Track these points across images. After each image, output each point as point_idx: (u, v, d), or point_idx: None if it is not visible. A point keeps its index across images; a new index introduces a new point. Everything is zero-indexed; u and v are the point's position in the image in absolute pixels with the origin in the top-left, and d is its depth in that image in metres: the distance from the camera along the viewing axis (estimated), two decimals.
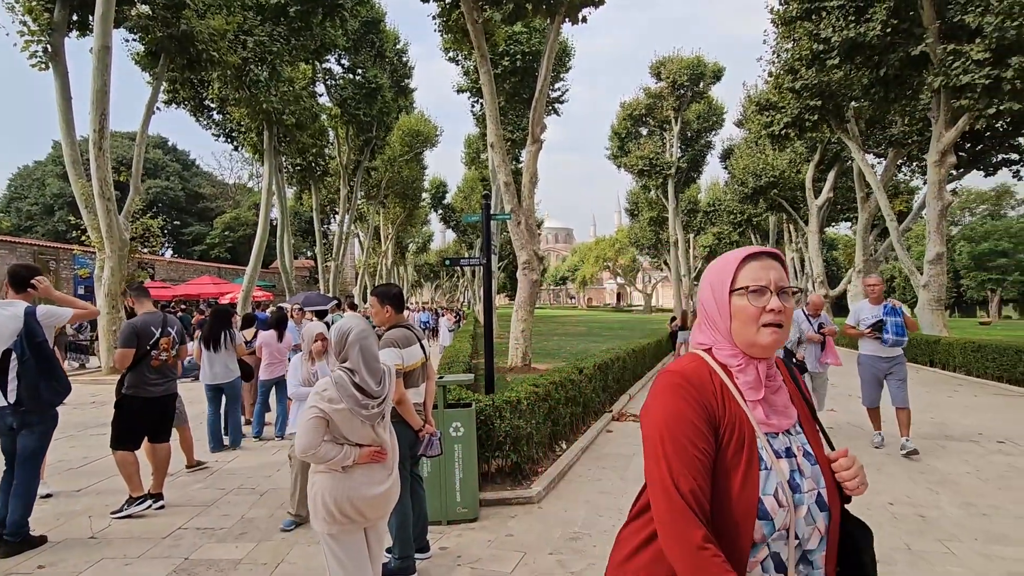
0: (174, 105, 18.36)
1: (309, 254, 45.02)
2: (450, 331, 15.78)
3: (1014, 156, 16.90)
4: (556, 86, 24.49)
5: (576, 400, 6.62)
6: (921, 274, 15.19)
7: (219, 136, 20.97)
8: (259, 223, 18.37)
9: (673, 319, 16.67)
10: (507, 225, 12.38)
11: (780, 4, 16.28)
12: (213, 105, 19.44)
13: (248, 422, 7.25)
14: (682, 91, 35.12)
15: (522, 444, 4.81)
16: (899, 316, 5.73)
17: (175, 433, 5.63)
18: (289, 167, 24.57)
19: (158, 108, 15.19)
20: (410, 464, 3.37)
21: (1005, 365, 10.79)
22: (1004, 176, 52.71)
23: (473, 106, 25.55)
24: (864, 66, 15.17)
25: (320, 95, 24.00)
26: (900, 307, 5.81)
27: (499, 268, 36.74)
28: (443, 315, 20.49)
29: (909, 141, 18.23)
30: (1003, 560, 3.45)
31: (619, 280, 78.12)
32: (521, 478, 4.89)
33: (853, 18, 14.41)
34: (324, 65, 23.49)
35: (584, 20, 12.32)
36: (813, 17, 15.19)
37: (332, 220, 35.85)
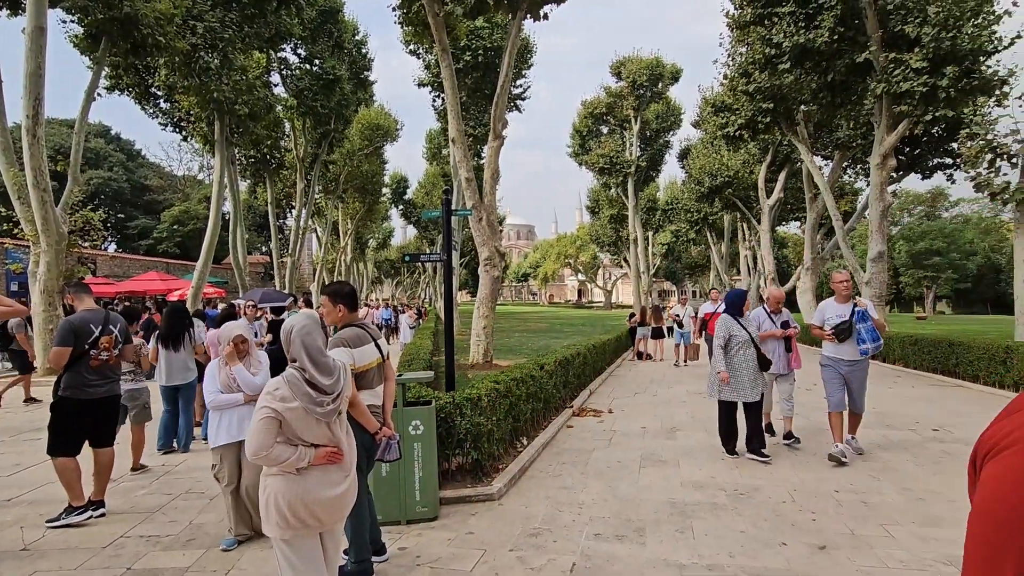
0: (117, 92, 17.42)
1: (264, 249, 43.64)
2: (411, 328, 15.59)
3: (948, 160, 17.90)
4: (518, 83, 24.47)
5: (537, 396, 6.64)
6: (864, 271, 15.94)
7: (166, 125, 20.01)
8: (210, 217, 17.66)
9: (632, 315, 16.95)
10: (469, 221, 12.30)
11: (735, 8, 16.70)
12: (160, 93, 18.52)
13: (199, 423, 6.97)
14: (641, 91, 35.69)
15: (483, 441, 4.79)
16: (869, 320, 5.38)
17: (128, 433, 5.37)
18: (242, 159, 23.70)
19: (99, 94, 14.39)
20: (366, 469, 3.28)
21: (939, 357, 11.45)
22: (939, 179, 55.93)
23: (434, 101, 25.25)
24: (813, 71, 15.76)
25: (275, 85, 23.23)
26: (868, 308, 5.44)
27: (461, 264, 36.57)
28: (404, 312, 20.22)
29: (854, 144, 19.07)
30: (937, 542, 3.65)
31: (580, 277, 79.01)
32: (482, 475, 4.87)
33: (803, 25, 14.94)
34: (279, 54, 22.73)
35: (546, 17, 12.34)
36: (766, 22, 15.66)
37: (288, 215, 34.84)
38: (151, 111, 19.34)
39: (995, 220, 56.16)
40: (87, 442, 4.32)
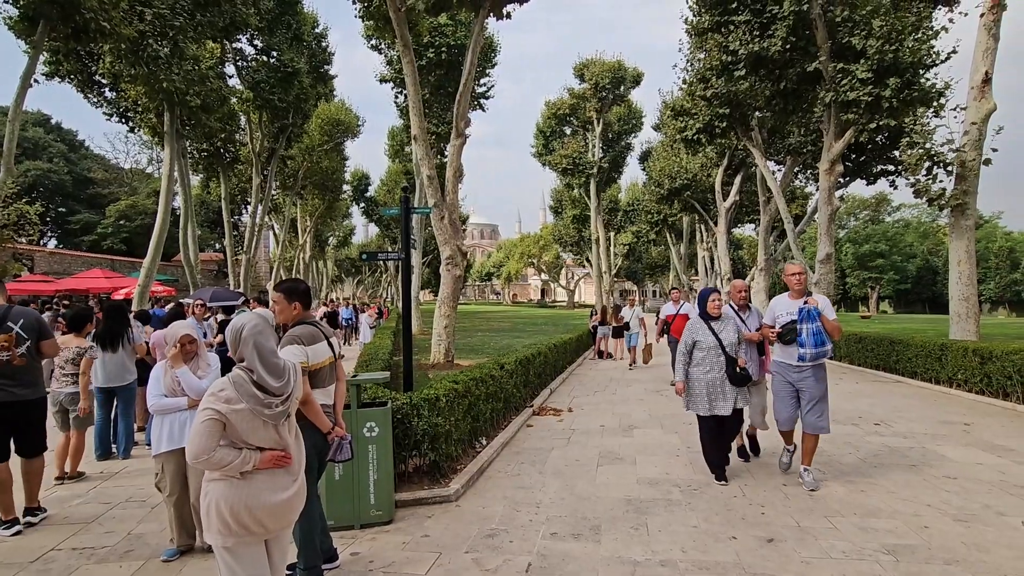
0: (57, 79, 16.49)
1: (218, 247, 42.13)
2: (371, 328, 15.32)
3: (891, 168, 18.81)
4: (482, 81, 24.44)
5: (497, 396, 6.63)
6: (813, 272, 16.59)
7: (112, 116, 19.05)
8: (159, 212, 16.91)
9: (593, 314, 17.14)
10: (431, 220, 12.18)
11: (694, 16, 17.11)
12: (105, 81, 17.63)
13: (141, 428, 6.66)
14: (604, 93, 36.20)
15: (441, 442, 4.74)
16: (816, 321, 4.52)
17: (69, 437, 5.10)
18: (194, 152, 22.80)
19: (36, 81, 13.55)
20: (318, 470, 3.20)
21: (881, 355, 12.02)
22: (883, 185, 58.70)
23: (397, 97, 24.95)
24: (767, 79, 16.29)
25: (230, 77, 22.44)
26: (817, 308, 4.59)
27: (424, 263, 36.21)
28: (364, 311, 19.86)
29: (804, 150, 19.82)
30: (876, 532, 3.81)
31: (543, 276, 79.45)
32: (439, 476, 4.82)
33: (757, 34, 15.43)
34: (235, 45, 21.98)
35: (508, 16, 12.34)
36: (723, 30, 16.09)
37: (244, 211, 33.74)
38: (95, 100, 18.38)
39: (933, 224, 59.49)
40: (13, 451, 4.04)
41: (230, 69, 22.38)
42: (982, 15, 12.33)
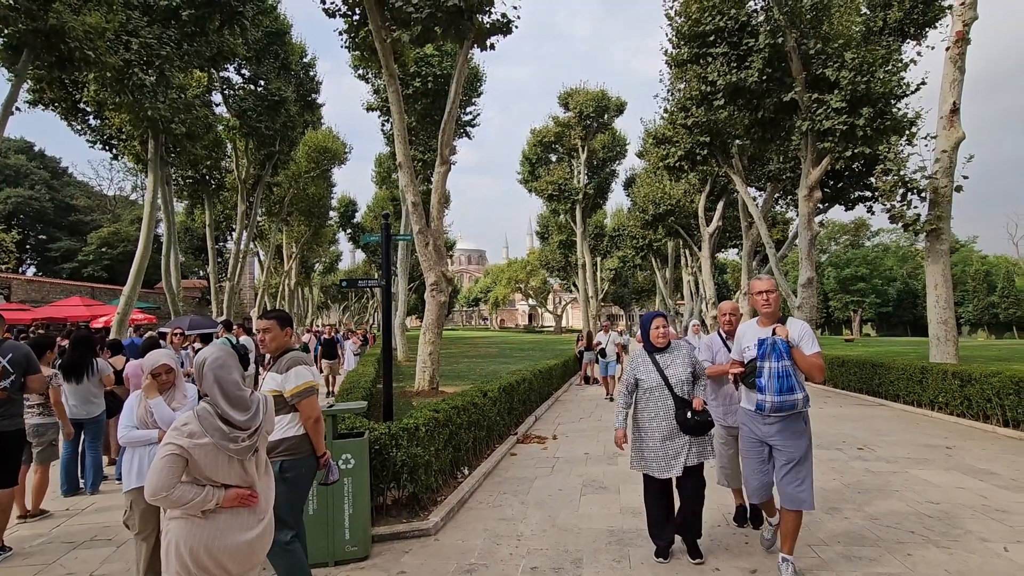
0: (40, 106, 16.43)
1: (202, 274, 41.69)
2: (355, 355, 15.14)
3: (867, 194, 19.26)
4: (468, 110, 24.78)
5: (480, 424, 6.53)
6: (795, 296, 16.78)
7: (95, 143, 18.98)
8: (141, 239, 16.71)
9: (579, 339, 17.10)
10: (416, 246, 12.18)
11: (673, 48, 17.61)
12: (89, 109, 17.59)
13: (113, 461, 6.45)
14: (588, 121, 36.91)
15: (420, 473, 4.64)
16: (784, 359, 3.37)
17: (31, 472, 4.91)
18: (179, 179, 22.70)
19: (18, 108, 13.49)
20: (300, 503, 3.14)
21: (864, 378, 12.10)
22: (861, 211, 60.03)
23: (384, 125, 25.19)
24: (745, 108, 16.74)
25: (217, 105, 22.54)
26: (786, 341, 3.42)
27: (410, 289, 36.10)
28: (348, 338, 19.64)
29: (783, 177, 20.27)
30: (860, 560, 3.77)
31: (531, 302, 79.50)
32: (419, 509, 4.70)
33: (735, 65, 15.90)
34: (222, 74, 22.14)
35: (492, 47, 12.57)
36: (701, 61, 16.57)
37: (228, 237, 33.53)
38: (78, 127, 18.32)
39: (911, 249, 60.79)
40: None
41: (217, 97, 22.50)
42: (948, 48, 12.83)
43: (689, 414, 3.67)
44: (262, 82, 22.88)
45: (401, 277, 23.99)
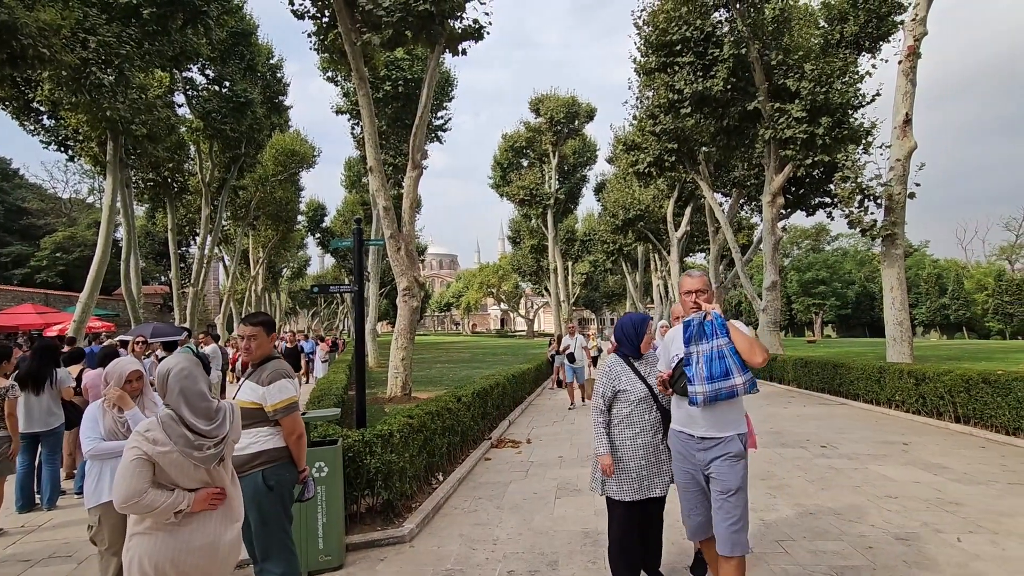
0: None
1: (163, 279, 40.39)
2: (323, 362, 14.90)
3: (827, 200, 19.99)
4: (439, 114, 24.73)
5: (454, 429, 6.51)
6: (761, 299, 17.26)
7: (50, 144, 18.24)
8: (99, 243, 16.12)
9: (552, 343, 17.17)
10: (388, 251, 12.09)
11: (641, 56, 17.98)
12: (43, 108, 16.91)
13: (70, 476, 6.20)
14: (559, 127, 37.26)
15: (394, 480, 4.60)
16: (718, 337, 2.85)
17: None
18: (139, 182, 22.00)
19: None
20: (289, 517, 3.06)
21: (826, 378, 12.51)
22: (821, 216, 62.09)
23: (353, 128, 24.91)
24: (711, 116, 17.20)
25: (180, 106, 21.94)
26: (716, 317, 2.89)
27: (381, 294, 35.74)
28: (316, 344, 19.30)
29: (748, 183, 20.88)
30: (825, 554, 3.91)
31: (503, 306, 79.55)
32: (394, 516, 4.66)
33: (701, 74, 16.33)
34: (184, 74, 21.56)
35: (464, 52, 12.61)
36: (668, 70, 16.97)
37: (192, 242, 32.59)
38: (31, 128, 17.59)
39: (868, 253, 63.17)
40: None
41: (180, 98, 21.90)
42: (900, 62, 13.44)
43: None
44: (227, 83, 22.36)
45: (372, 282, 23.72)
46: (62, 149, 18.50)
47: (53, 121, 17.56)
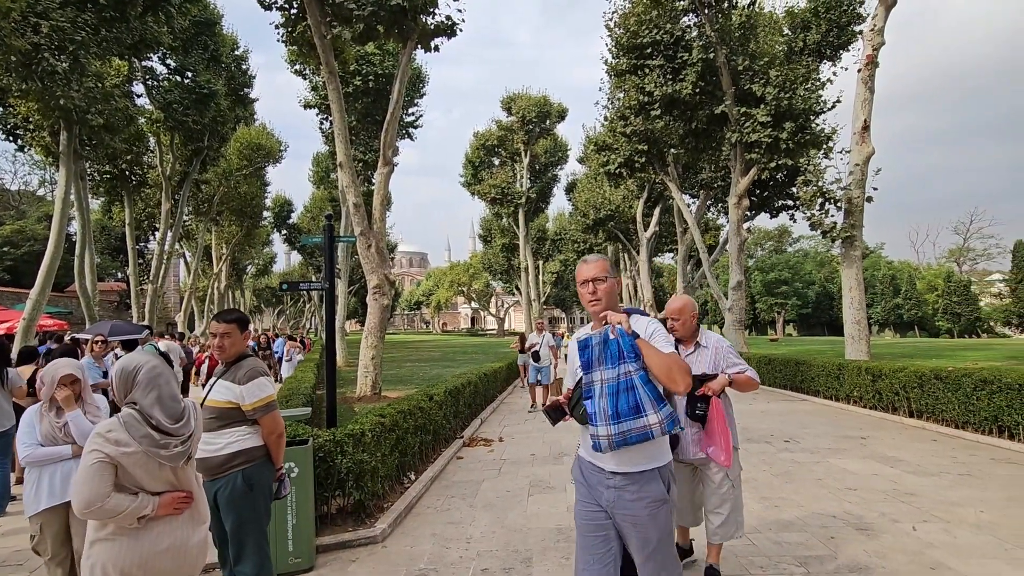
0: None
1: (120, 276, 38.87)
2: (287, 360, 14.60)
3: (790, 202, 20.60)
4: (410, 111, 24.48)
5: (426, 428, 6.46)
6: (727, 299, 17.68)
7: None
8: (51, 238, 15.38)
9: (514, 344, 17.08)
10: (357, 248, 11.91)
11: (613, 58, 18.17)
12: None
13: (20, 480, 5.90)
14: (531, 126, 37.34)
15: (366, 480, 4.54)
16: (625, 360, 2.12)
17: None
18: (95, 174, 21.11)
19: None
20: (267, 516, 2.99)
21: (788, 375, 12.90)
22: (784, 218, 63.99)
23: (322, 123, 24.45)
24: (680, 119, 17.52)
25: (139, 96, 21.12)
26: (621, 334, 2.13)
27: (350, 292, 35.22)
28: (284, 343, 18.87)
29: (715, 185, 21.35)
30: (789, 545, 4.03)
31: (473, 305, 79.36)
32: (365, 516, 4.60)
33: (670, 77, 16.61)
34: (145, 63, 20.75)
35: (436, 49, 12.51)
36: (639, 72, 17.20)
37: (152, 237, 31.44)
38: None
39: (828, 254, 65.43)
40: None
41: (139, 88, 21.09)
42: (859, 71, 13.93)
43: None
44: (189, 74, 21.63)
45: (342, 280, 23.33)
46: (11, 138, 17.60)
47: (1, 109, 16.68)
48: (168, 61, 21.38)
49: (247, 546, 2.78)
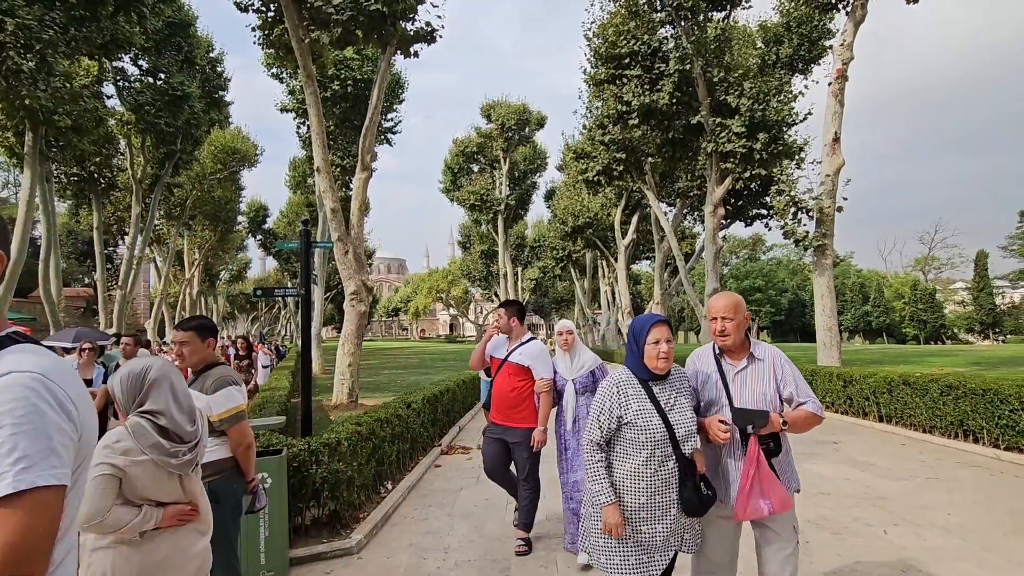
0: None
1: (87, 281, 37.72)
2: (264, 367, 14.31)
3: (764, 212, 21.03)
4: (389, 116, 24.36)
5: (403, 436, 6.39)
6: (703, 306, 17.92)
7: None
8: (14, 241, 14.87)
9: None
10: (335, 254, 11.75)
11: (591, 67, 18.37)
12: None
13: None
14: (510, 134, 37.47)
15: (342, 490, 4.46)
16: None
17: None
18: (62, 176, 20.50)
19: None
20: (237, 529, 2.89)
21: None
22: (758, 227, 65.32)
23: (299, 128, 24.16)
24: (657, 128, 17.77)
25: (109, 97, 20.60)
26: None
27: (327, 299, 34.77)
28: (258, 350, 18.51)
29: (691, 194, 21.68)
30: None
31: (452, 311, 79.05)
32: (340, 527, 4.51)
33: (648, 87, 16.85)
34: (115, 64, 20.27)
35: (416, 55, 12.48)
36: (617, 82, 17.41)
37: (121, 242, 30.63)
38: None
39: (800, 263, 66.93)
40: None
41: (110, 89, 20.59)
42: (830, 84, 14.33)
43: (701, 484, 2.44)
44: (162, 75, 21.20)
45: (318, 286, 23.01)
46: None
47: None
48: (140, 62, 20.92)
49: (214, 564, 2.70)
